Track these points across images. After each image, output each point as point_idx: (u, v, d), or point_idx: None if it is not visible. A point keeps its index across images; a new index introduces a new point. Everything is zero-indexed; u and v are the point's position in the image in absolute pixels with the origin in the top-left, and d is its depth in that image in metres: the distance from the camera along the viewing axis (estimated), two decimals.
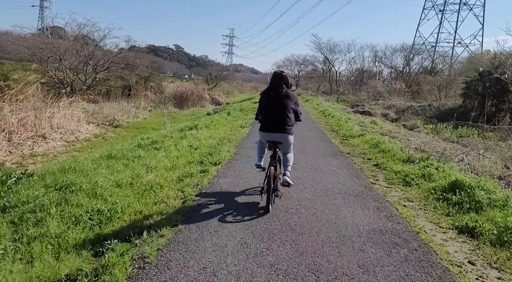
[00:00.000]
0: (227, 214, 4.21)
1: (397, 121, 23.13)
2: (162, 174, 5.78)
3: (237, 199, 4.80)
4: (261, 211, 4.36)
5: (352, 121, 15.01)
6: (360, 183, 5.92)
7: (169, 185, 5.27)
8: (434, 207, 4.97)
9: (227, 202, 4.63)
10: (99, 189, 4.64)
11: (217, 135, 9.94)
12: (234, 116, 15.13)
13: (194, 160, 6.91)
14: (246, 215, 4.21)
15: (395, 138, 11.97)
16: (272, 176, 4.19)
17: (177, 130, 11.75)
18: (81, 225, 3.66)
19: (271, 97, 4.56)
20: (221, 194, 4.97)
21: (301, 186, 5.54)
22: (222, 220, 4.03)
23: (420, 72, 39.40)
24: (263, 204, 4.48)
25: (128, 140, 13.15)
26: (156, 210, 4.22)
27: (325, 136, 11.08)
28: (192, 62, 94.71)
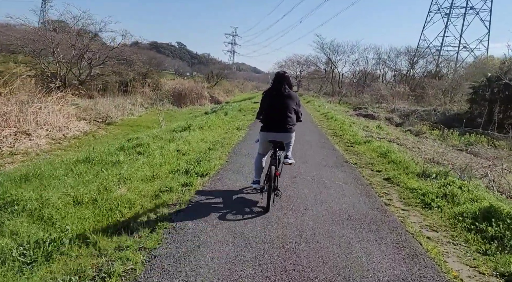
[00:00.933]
0: (206, 253, 3.23)
1: (402, 126, 22.16)
2: (137, 186, 4.81)
3: (222, 224, 3.83)
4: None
5: (356, 126, 14.04)
6: (371, 203, 4.94)
7: (142, 202, 4.30)
8: (465, 240, 3.98)
9: (208, 231, 3.66)
10: (48, 208, 3.66)
11: (210, 139, 8.97)
12: (231, 117, 14.15)
13: (179, 169, 5.93)
14: (235, 255, 3.24)
15: (403, 146, 11.00)
16: (273, 175, 4.19)
17: (169, 131, 10.82)
18: (5, 268, 2.68)
19: (273, 97, 4.54)
20: (203, 215, 4.00)
21: (301, 207, 4.56)
22: (199, 264, 3.05)
23: (425, 76, 38.41)
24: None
25: (119, 139, 12.25)
26: (115, 243, 3.24)
27: (328, 142, 10.10)
28: (194, 60, 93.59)
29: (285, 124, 4.48)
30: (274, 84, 4.62)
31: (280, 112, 4.48)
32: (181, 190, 4.81)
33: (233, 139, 9.05)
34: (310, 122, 14.55)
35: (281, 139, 4.51)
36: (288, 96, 4.53)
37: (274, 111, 4.51)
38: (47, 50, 19.14)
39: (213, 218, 3.97)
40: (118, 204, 4.07)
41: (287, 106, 4.48)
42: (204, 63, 76.65)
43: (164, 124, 16.37)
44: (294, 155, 7.76)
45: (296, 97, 4.65)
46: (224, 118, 13.34)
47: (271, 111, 4.54)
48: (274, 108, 4.51)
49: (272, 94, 4.58)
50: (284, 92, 4.52)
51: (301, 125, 13.91)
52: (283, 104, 4.48)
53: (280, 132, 4.48)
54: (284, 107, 4.48)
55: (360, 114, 23.82)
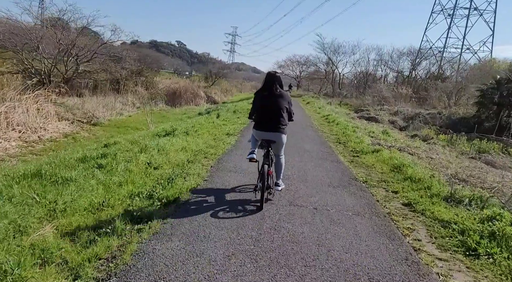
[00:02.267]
0: None
1: (406, 130, 20.77)
2: (70, 223, 3.42)
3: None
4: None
5: (360, 131, 12.63)
6: (396, 249, 3.52)
7: (62, 256, 2.88)
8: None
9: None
10: None
11: (193, 147, 7.55)
12: (224, 120, 12.72)
13: (142, 191, 4.53)
14: None
15: (416, 156, 9.60)
16: (266, 174, 4.18)
17: (151, 136, 9.44)
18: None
19: (265, 97, 4.53)
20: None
21: (300, 263, 3.11)
22: None
23: (427, 78, 37.02)
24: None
25: (101, 142, 10.90)
26: None
27: (331, 151, 8.69)
28: (194, 59, 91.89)
29: (277, 124, 4.46)
30: (266, 84, 4.55)
31: (272, 112, 4.46)
32: (129, 233, 3.37)
33: (220, 148, 7.63)
34: (310, 126, 13.13)
35: (274, 139, 4.47)
36: (279, 95, 4.50)
37: (266, 111, 4.50)
38: (30, 45, 17.70)
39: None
40: (22, 259, 2.64)
41: (280, 106, 4.46)
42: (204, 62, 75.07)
43: (153, 126, 14.97)
44: (292, 169, 6.37)
45: (287, 96, 4.61)
46: (215, 121, 11.91)
47: (263, 111, 4.53)
48: (267, 108, 4.50)
49: (264, 94, 4.54)
50: (276, 92, 4.48)
51: (301, 131, 12.57)
52: (275, 104, 4.46)
53: (273, 132, 4.46)
54: (277, 107, 4.46)
55: (362, 117, 22.42)
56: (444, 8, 44.76)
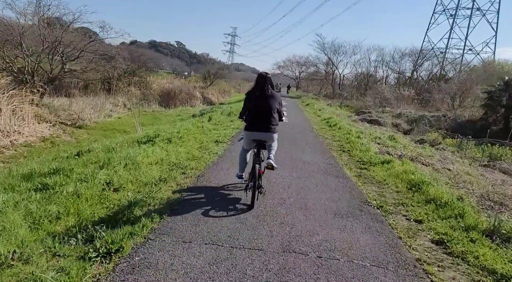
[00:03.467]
0: None
1: (411, 134, 19.54)
2: None
3: None
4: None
5: (365, 136, 11.37)
6: None
7: None
8: None
9: None
10: None
11: (172, 158, 6.28)
12: (215, 123, 11.44)
13: (81, 229, 3.27)
14: None
15: (429, 166, 8.36)
16: (257, 173, 4.18)
17: (131, 142, 8.22)
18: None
19: (257, 98, 4.50)
20: None
21: None
22: None
23: (429, 79, 35.78)
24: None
25: (81, 147, 9.70)
26: None
27: (335, 162, 7.42)
28: (193, 60, 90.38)
29: (268, 124, 4.46)
30: (257, 85, 4.54)
31: (264, 112, 4.46)
32: None
33: (203, 161, 6.35)
34: (310, 131, 11.85)
35: (265, 139, 4.50)
36: (271, 96, 4.50)
37: (258, 111, 4.48)
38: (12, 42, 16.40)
39: None
40: None
41: (271, 106, 4.46)
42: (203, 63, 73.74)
43: (141, 129, 13.69)
44: (288, 189, 5.11)
45: (278, 97, 4.62)
46: (205, 125, 10.62)
47: (255, 111, 4.50)
48: (258, 109, 4.48)
49: (256, 95, 4.51)
50: (267, 92, 4.48)
51: (300, 137, 10.71)
52: (266, 104, 4.46)
53: (264, 132, 4.46)
54: (268, 107, 4.46)
55: (364, 119, 21.14)
56: (446, 8, 43.53)
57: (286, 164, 6.69)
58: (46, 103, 17.19)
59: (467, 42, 41.66)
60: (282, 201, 4.53)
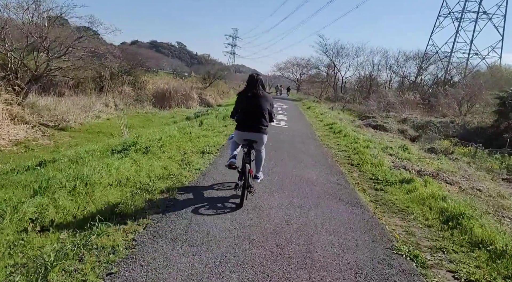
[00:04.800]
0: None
1: (418, 141, 18.15)
2: None
3: None
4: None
5: (375, 145, 10.01)
6: None
7: None
8: None
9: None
10: None
11: (141, 176, 4.93)
12: (206, 129, 10.06)
13: None
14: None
15: (455, 185, 7.01)
16: (247, 172, 4.16)
17: (105, 150, 6.93)
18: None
19: (249, 99, 4.46)
20: None
21: None
22: None
23: (434, 83, 34.42)
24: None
25: (61, 150, 8.44)
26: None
27: (344, 181, 6.06)
28: (194, 60, 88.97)
29: (259, 124, 4.43)
30: (249, 86, 4.52)
31: (254, 113, 4.43)
32: None
33: (180, 180, 5.00)
34: (313, 139, 10.47)
35: (255, 139, 4.44)
36: (262, 97, 4.46)
37: (249, 112, 4.45)
38: None
39: None
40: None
41: (262, 107, 4.42)
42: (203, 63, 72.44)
43: (127, 133, 12.34)
44: (288, 227, 3.75)
45: (270, 98, 4.61)
46: (194, 130, 9.24)
47: (246, 111, 4.47)
48: (249, 109, 4.44)
49: (247, 95, 4.48)
50: (258, 93, 4.44)
51: (301, 146, 8.85)
52: (257, 105, 4.41)
53: (254, 132, 4.41)
54: (259, 108, 4.41)
55: (369, 124, 19.77)
56: (452, 11, 42.17)
57: (285, 185, 5.33)
58: (30, 102, 15.90)
59: (473, 46, 40.31)
60: (277, 250, 3.17)
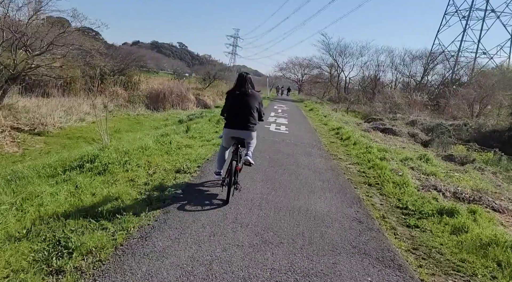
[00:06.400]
0: None
1: (431, 145, 16.45)
2: None
3: None
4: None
5: (392, 156, 8.36)
6: None
7: None
8: None
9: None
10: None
11: (69, 222, 3.33)
12: (192, 136, 8.40)
13: None
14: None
15: (506, 214, 5.37)
16: (234, 170, 4.16)
17: (59, 166, 5.35)
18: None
19: (237, 96, 4.43)
20: None
21: None
22: None
23: (441, 84, 32.68)
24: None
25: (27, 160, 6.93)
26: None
27: (365, 215, 4.43)
28: (195, 61, 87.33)
29: (247, 122, 4.38)
30: (238, 84, 4.49)
31: (243, 111, 4.37)
32: None
33: (131, 221, 3.38)
34: (317, 148, 8.80)
35: (243, 137, 4.41)
36: (251, 95, 4.44)
37: (237, 110, 4.39)
38: None
39: None
40: None
41: (251, 105, 4.39)
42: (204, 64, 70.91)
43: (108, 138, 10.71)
44: None
45: (259, 97, 4.58)
46: (176, 138, 7.59)
47: (234, 110, 4.41)
48: (238, 107, 4.39)
49: (236, 94, 4.43)
50: (247, 91, 4.42)
51: (304, 158, 6.83)
52: (246, 103, 4.38)
53: (243, 129, 4.37)
54: (248, 106, 4.37)
55: (377, 128, 18.08)
56: (459, 9, 40.36)
57: (282, 230, 3.70)
58: (8, 104, 14.37)
59: (480, 45, 38.50)
60: None
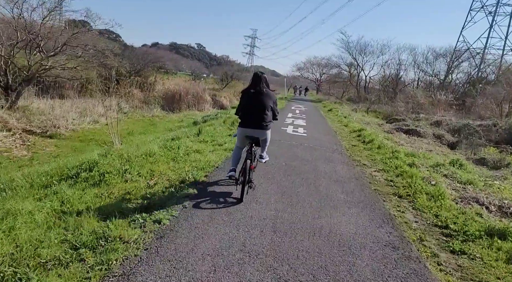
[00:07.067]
0: None
1: (458, 147, 15.35)
2: None
3: None
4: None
5: (420, 160, 7.53)
6: None
7: None
8: None
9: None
10: None
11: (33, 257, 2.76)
12: (203, 140, 7.80)
13: None
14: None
15: None
16: (248, 168, 4.14)
17: (50, 176, 4.85)
18: None
19: (252, 95, 4.41)
20: None
21: None
22: None
23: (466, 82, 31.11)
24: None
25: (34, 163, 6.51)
26: None
27: (398, 234, 3.71)
28: (213, 62, 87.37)
29: (261, 121, 4.36)
30: (253, 83, 4.47)
31: (257, 110, 4.35)
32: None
33: (116, 252, 2.78)
34: (339, 153, 8.04)
35: (257, 136, 4.42)
36: (266, 94, 4.41)
37: (252, 108, 4.38)
38: None
39: None
40: None
41: (265, 105, 4.36)
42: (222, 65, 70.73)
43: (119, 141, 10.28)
44: None
45: (273, 96, 4.55)
46: (186, 143, 7.01)
47: (249, 108, 4.40)
48: (252, 106, 4.37)
49: (251, 92, 4.41)
50: (262, 90, 4.40)
51: (325, 169, 5.90)
52: (261, 102, 4.36)
53: (257, 129, 4.37)
54: (262, 105, 4.35)
55: (400, 129, 17.07)
56: (485, 5, 38.46)
57: (301, 259, 3.04)
58: (23, 106, 14.23)
59: (508, 42, 36.51)
60: None
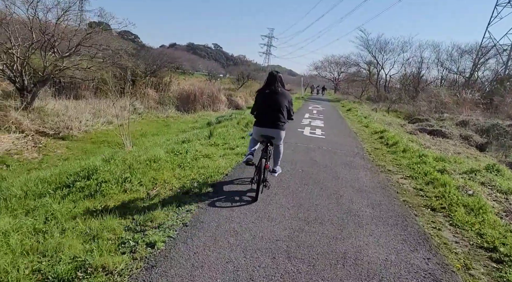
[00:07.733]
0: None
1: (489, 149, 14.34)
2: None
3: None
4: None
5: (451, 166, 6.77)
6: None
7: None
8: None
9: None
10: None
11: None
12: (214, 143, 7.28)
13: None
14: None
15: None
16: (263, 167, 4.16)
17: (48, 183, 4.41)
18: None
19: (267, 95, 4.43)
20: None
21: None
22: None
23: (493, 80, 29.56)
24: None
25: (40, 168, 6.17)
26: None
27: (438, 263, 3.06)
28: (230, 62, 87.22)
29: (277, 120, 4.36)
30: (268, 82, 4.48)
31: (273, 109, 4.36)
32: None
33: None
34: (361, 158, 7.33)
35: (272, 135, 4.39)
36: (281, 94, 4.41)
37: (267, 108, 4.38)
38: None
39: None
40: None
41: (280, 104, 4.36)
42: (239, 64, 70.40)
43: (130, 143, 9.90)
44: None
45: (288, 95, 4.52)
46: (196, 146, 6.51)
47: (264, 108, 4.41)
48: (268, 106, 4.38)
49: (266, 92, 4.42)
50: (277, 90, 4.40)
51: (347, 176, 5.12)
52: (276, 101, 4.36)
53: (272, 128, 4.36)
54: (277, 104, 4.36)
55: (423, 129, 16.12)
56: None
57: None
58: (38, 107, 14.13)
59: None
60: None
